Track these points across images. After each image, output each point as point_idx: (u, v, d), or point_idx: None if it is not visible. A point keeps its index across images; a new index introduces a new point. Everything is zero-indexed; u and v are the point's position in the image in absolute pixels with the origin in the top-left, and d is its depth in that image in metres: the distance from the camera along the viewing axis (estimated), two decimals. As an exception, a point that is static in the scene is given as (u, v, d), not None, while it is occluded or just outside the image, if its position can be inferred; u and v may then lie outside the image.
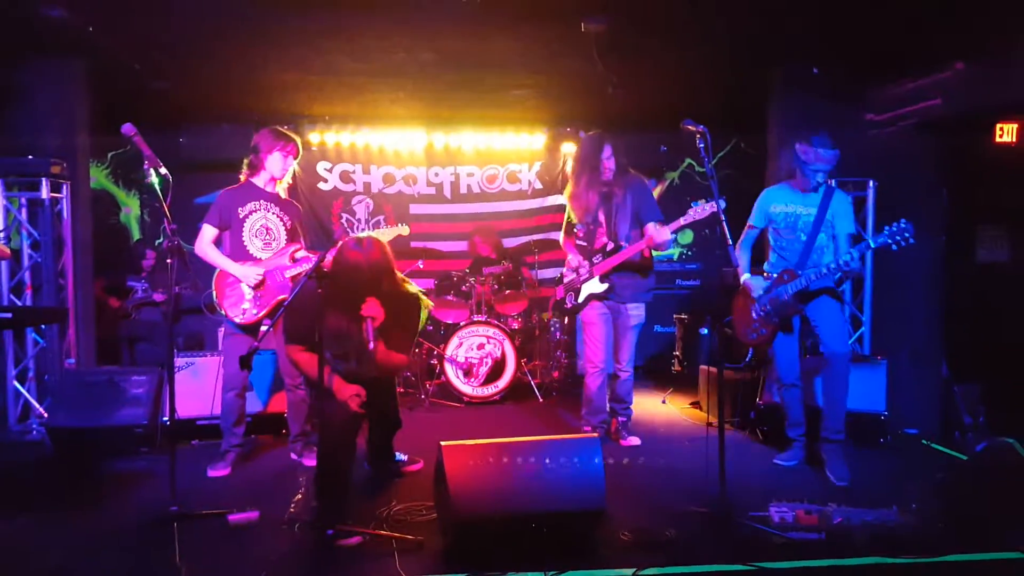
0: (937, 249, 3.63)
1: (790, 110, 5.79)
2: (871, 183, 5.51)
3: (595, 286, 4.54)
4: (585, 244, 4.60)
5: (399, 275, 3.80)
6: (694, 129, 3.34)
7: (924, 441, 4.87)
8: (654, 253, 4.66)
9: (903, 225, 3.53)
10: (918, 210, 5.35)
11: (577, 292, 4.66)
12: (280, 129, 4.27)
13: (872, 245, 3.70)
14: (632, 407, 4.84)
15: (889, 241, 3.56)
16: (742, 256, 4.31)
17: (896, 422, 4.91)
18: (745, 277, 4.25)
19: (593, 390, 4.65)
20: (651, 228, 4.37)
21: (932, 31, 4.87)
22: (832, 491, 3.75)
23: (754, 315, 4.22)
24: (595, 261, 4.54)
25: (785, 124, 5.89)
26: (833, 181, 4.21)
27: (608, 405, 4.77)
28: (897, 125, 5.36)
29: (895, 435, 4.86)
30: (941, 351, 5.09)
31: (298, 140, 4.30)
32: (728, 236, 3.33)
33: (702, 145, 3.32)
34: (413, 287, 3.88)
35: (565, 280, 4.79)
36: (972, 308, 5.04)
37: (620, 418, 4.79)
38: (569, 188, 4.66)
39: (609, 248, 4.47)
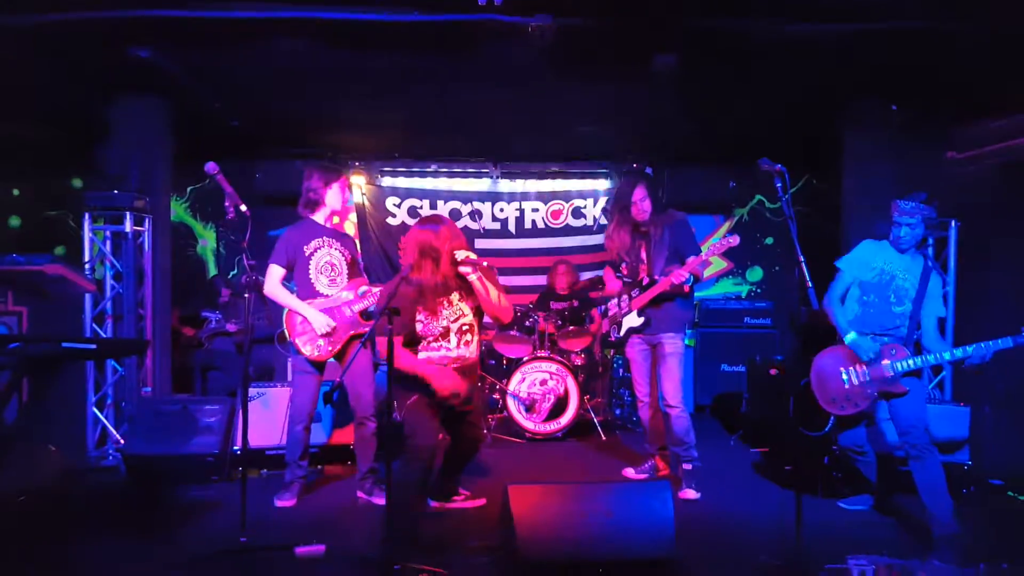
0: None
1: (864, 146, 5.64)
2: (953, 223, 5.32)
3: (633, 320, 4.63)
4: (629, 279, 4.68)
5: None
6: (771, 169, 3.22)
7: (1011, 493, 4.60)
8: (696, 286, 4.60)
9: None
10: (1003, 251, 5.15)
11: (619, 326, 4.74)
12: (326, 164, 4.41)
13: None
14: (695, 450, 4.51)
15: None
16: (837, 310, 3.95)
17: (980, 472, 4.65)
18: (852, 337, 3.85)
19: (645, 420, 4.86)
20: (689, 261, 4.32)
21: (1018, 68, 4.69)
22: (913, 545, 3.56)
23: (847, 383, 3.84)
24: (633, 295, 4.62)
25: (859, 161, 5.73)
26: (930, 260, 3.97)
27: (669, 449, 4.63)
28: (981, 164, 5.16)
29: (979, 486, 4.61)
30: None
31: (344, 171, 4.41)
32: (807, 277, 3.17)
33: (779, 185, 3.21)
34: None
35: (610, 313, 4.88)
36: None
37: (685, 465, 4.51)
38: (608, 228, 4.77)
39: (645, 283, 4.52)
